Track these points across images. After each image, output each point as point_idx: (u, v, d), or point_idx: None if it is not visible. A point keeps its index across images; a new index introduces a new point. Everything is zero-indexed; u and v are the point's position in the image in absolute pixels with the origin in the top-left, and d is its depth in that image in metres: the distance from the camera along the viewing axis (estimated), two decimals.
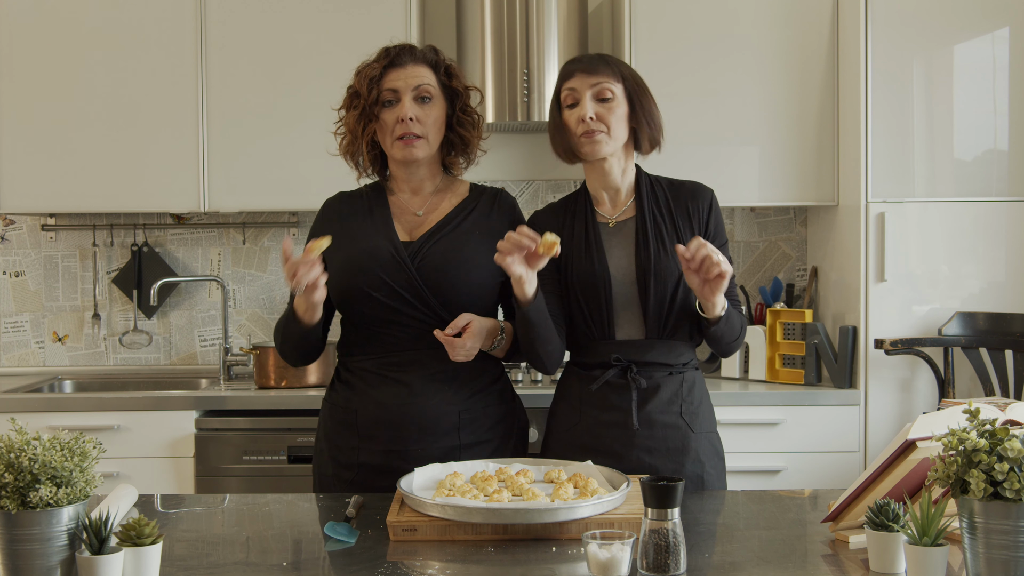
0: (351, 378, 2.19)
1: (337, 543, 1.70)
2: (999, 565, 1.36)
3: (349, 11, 3.38)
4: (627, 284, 2.12)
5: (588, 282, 2.12)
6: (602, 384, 2.13)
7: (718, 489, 2.15)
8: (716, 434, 2.20)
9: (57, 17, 3.39)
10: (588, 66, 2.12)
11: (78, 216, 3.74)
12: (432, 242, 2.14)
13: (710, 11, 3.33)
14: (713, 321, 2.06)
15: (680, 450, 2.11)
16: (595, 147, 2.11)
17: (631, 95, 2.13)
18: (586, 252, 2.14)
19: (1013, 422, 1.56)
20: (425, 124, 2.14)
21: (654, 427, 2.11)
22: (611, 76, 2.11)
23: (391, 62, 2.15)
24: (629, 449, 2.09)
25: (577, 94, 2.11)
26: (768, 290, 3.53)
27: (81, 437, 1.48)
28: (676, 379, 2.14)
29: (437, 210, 2.21)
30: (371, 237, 2.15)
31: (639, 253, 2.12)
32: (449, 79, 2.19)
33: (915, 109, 3.17)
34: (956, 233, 3.15)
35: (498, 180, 3.72)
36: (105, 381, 3.67)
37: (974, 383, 3.12)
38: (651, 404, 2.11)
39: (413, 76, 2.14)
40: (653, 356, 2.13)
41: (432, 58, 2.19)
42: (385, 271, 2.11)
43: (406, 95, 2.13)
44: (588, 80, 2.11)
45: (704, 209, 2.18)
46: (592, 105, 2.10)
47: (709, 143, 3.35)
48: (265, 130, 3.39)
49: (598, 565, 1.48)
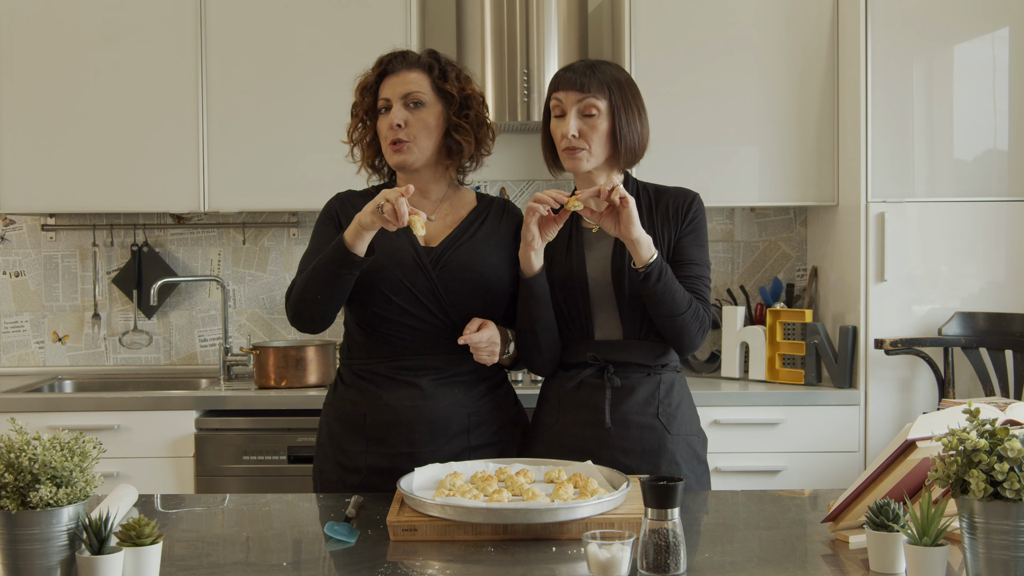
0: (358, 381, 2.18)
1: (337, 543, 1.70)
2: (999, 565, 1.36)
3: (349, 11, 3.38)
4: (604, 284, 2.14)
5: (566, 282, 2.15)
6: (579, 384, 2.14)
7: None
8: (698, 437, 2.20)
9: (57, 17, 3.39)
10: (576, 79, 2.12)
11: (78, 216, 3.74)
12: (453, 248, 2.15)
13: (710, 11, 3.33)
14: (645, 271, 2.01)
15: (655, 452, 2.11)
16: (576, 163, 2.14)
17: (614, 111, 2.12)
18: (566, 253, 2.17)
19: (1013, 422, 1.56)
20: (415, 128, 2.13)
21: (629, 428, 2.11)
22: (597, 92, 2.11)
23: (384, 70, 2.18)
24: (604, 449, 2.10)
25: (563, 107, 2.13)
26: (768, 290, 3.53)
27: (81, 437, 1.48)
28: (653, 380, 2.15)
29: (450, 217, 2.21)
30: (391, 239, 2.12)
31: (615, 254, 2.14)
32: (443, 82, 2.17)
33: (915, 109, 3.17)
34: (956, 233, 3.15)
35: (498, 180, 3.73)
36: (105, 381, 3.67)
37: (974, 383, 3.12)
38: (626, 404, 2.12)
39: (402, 83, 2.15)
40: (630, 356, 2.14)
41: (427, 62, 2.18)
42: (406, 275, 2.11)
43: (396, 102, 2.14)
44: (575, 95, 2.11)
45: (684, 208, 2.18)
46: (576, 122, 2.11)
47: (709, 143, 3.35)
48: (265, 130, 3.39)
49: (598, 565, 1.48)
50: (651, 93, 2.59)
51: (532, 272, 2.09)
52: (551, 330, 2.15)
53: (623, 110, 2.13)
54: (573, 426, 2.15)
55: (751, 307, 3.61)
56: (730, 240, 3.75)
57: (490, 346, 2.08)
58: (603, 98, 2.11)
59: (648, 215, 2.17)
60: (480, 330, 2.07)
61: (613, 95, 2.12)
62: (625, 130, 2.13)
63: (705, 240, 2.19)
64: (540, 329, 2.13)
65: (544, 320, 2.13)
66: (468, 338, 2.05)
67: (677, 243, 2.16)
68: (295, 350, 3.31)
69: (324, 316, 2.09)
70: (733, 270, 3.75)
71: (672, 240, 2.16)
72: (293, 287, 2.13)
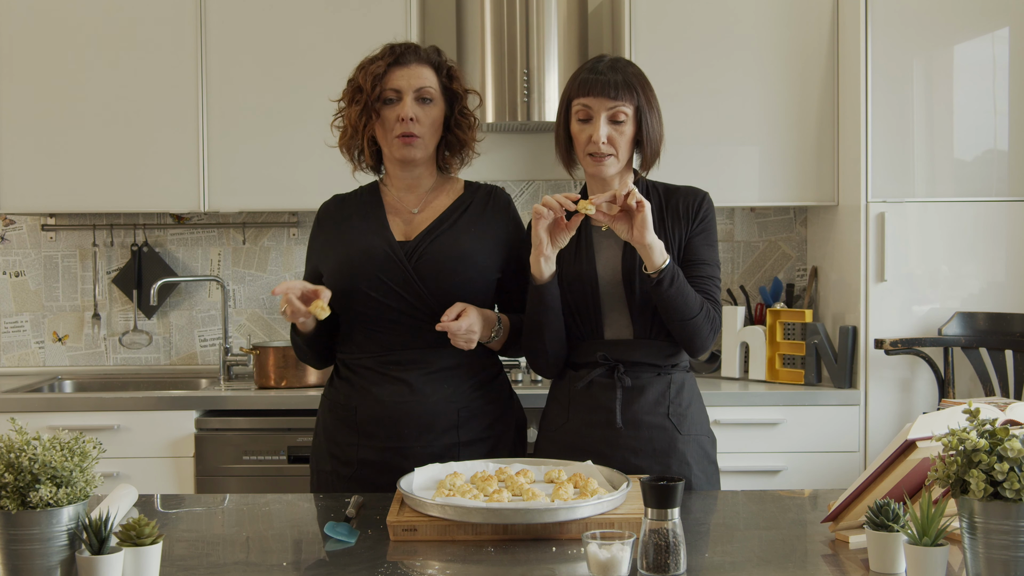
0: (351, 375, 2.20)
1: (337, 543, 1.70)
2: (999, 565, 1.36)
3: (349, 11, 3.38)
4: (614, 284, 2.13)
5: (576, 281, 2.14)
6: (589, 384, 2.13)
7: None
8: (709, 437, 2.19)
9: (57, 17, 3.39)
10: (607, 85, 2.07)
11: (78, 216, 3.74)
12: (428, 241, 2.15)
13: (710, 11, 3.33)
14: (658, 277, 2.01)
15: (666, 452, 2.10)
16: (601, 169, 2.11)
17: (640, 116, 2.11)
18: (576, 253, 2.16)
19: (1013, 422, 1.56)
20: (424, 125, 2.16)
21: (640, 428, 2.11)
22: (626, 97, 2.08)
23: (395, 60, 2.17)
24: (614, 449, 2.09)
25: (590, 112, 2.09)
26: (768, 290, 3.53)
27: (81, 437, 1.48)
28: (663, 380, 2.14)
29: (431, 207, 2.22)
30: (367, 237, 2.16)
31: (626, 254, 2.13)
32: (450, 81, 2.21)
33: (915, 109, 3.17)
34: (956, 233, 3.15)
35: (498, 180, 3.72)
36: (105, 381, 3.67)
37: (974, 383, 3.13)
38: (637, 404, 2.11)
39: (416, 76, 2.15)
40: (640, 356, 2.13)
41: (435, 59, 2.21)
42: (382, 270, 2.12)
43: (408, 95, 2.14)
44: (606, 103, 2.07)
45: (695, 207, 2.17)
46: (606, 129, 2.08)
47: (709, 143, 3.35)
48: (265, 130, 3.39)
49: (598, 565, 1.48)
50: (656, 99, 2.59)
51: (543, 279, 2.07)
52: (559, 339, 2.13)
53: (647, 112, 2.11)
54: (583, 426, 2.14)
55: (751, 307, 3.61)
56: (730, 240, 3.75)
57: (467, 334, 2.06)
58: (631, 104, 2.09)
59: (658, 214, 2.16)
60: (460, 317, 2.05)
61: (640, 99, 2.10)
62: (650, 133, 2.12)
63: (715, 240, 2.19)
64: (548, 337, 2.11)
65: (552, 328, 2.10)
66: (445, 325, 2.04)
67: (688, 243, 2.15)
68: None
69: (318, 359, 2.27)
70: (733, 270, 3.75)
71: (683, 239, 2.15)
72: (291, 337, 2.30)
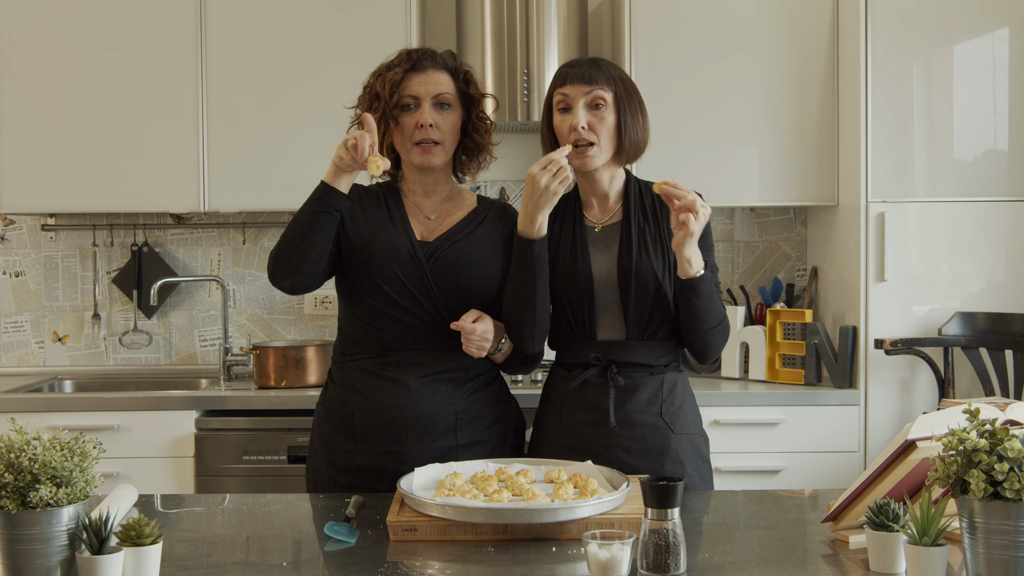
0: (346, 379, 2.19)
1: (337, 543, 1.70)
2: (999, 565, 1.36)
3: (349, 11, 3.38)
4: (609, 286, 2.14)
5: (570, 282, 2.15)
6: (582, 384, 2.14)
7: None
8: (701, 436, 2.20)
9: (57, 17, 3.39)
10: (582, 73, 2.12)
11: (78, 216, 3.74)
12: (448, 244, 2.17)
13: (710, 11, 3.33)
14: (691, 284, 2.03)
15: (660, 451, 2.11)
16: (585, 161, 2.13)
17: (619, 104, 2.13)
18: (571, 253, 2.17)
19: (1013, 422, 1.56)
20: (443, 131, 2.17)
21: (633, 427, 2.11)
22: (604, 83, 2.12)
23: (413, 66, 2.17)
24: (608, 449, 2.10)
25: (570, 100, 2.12)
26: (768, 290, 3.53)
27: (81, 437, 1.48)
28: (656, 379, 2.15)
29: (450, 216, 2.23)
30: (389, 230, 2.16)
31: (621, 256, 2.14)
32: (467, 86, 2.22)
33: (915, 109, 3.17)
34: (956, 233, 3.15)
35: (498, 180, 3.73)
36: (105, 381, 3.67)
37: (974, 383, 3.12)
38: (630, 404, 2.12)
39: (434, 83, 2.16)
40: (633, 356, 2.14)
41: (452, 64, 2.21)
42: (400, 266, 2.13)
43: (426, 101, 2.15)
44: (583, 88, 2.11)
45: None
46: (584, 114, 2.11)
47: (709, 143, 3.35)
48: (265, 130, 3.39)
49: (598, 565, 1.48)
50: (651, 93, 2.59)
51: (541, 234, 2.08)
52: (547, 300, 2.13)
53: (627, 103, 2.14)
54: (577, 426, 2.15)
55: (751, 307, 3.61)
56: (730, 240, 3.75)
57: (481, 340, 2.08)
58: (609, 90, 2.12)
59: (654, 217, 2.18)
60: (476, 322, 2.07)
61: (618, 88, 2.13)
62: (629, 123, 2.14)
63: (711, 243, 2.20)
64: (540, 298, 2.10)
65: (544, 288, 2.11)
66: (461, 324, 2.05)
67: None
68: (295, 350, 3.31)
69: (300, 266, 2.07)
70: (733, 270, 3.75)
71: None
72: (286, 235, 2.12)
